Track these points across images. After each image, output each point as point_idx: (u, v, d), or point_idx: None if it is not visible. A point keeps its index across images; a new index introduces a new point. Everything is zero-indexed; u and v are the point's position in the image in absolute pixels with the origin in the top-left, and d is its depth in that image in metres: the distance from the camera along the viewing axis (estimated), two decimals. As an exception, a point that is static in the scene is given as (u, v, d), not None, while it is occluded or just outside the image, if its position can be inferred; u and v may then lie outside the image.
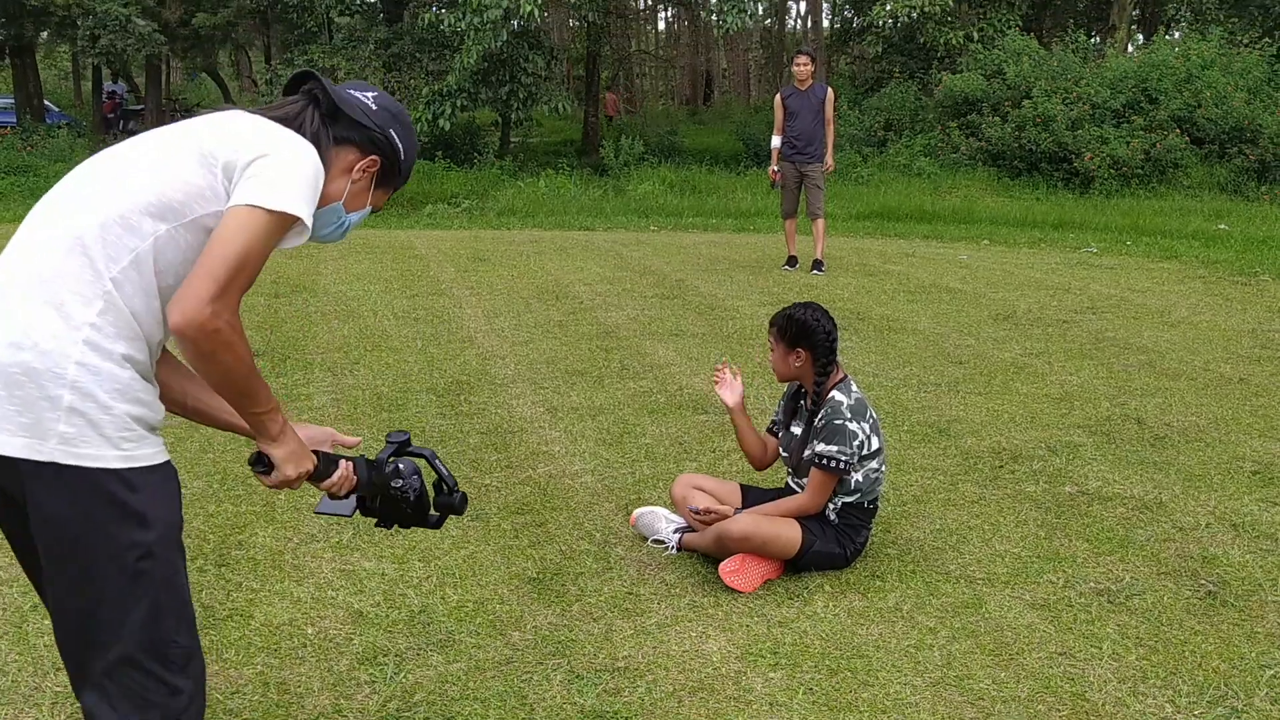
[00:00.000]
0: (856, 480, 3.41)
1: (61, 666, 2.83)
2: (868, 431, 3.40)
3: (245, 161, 1.78)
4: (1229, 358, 6.39)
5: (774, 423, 3.80)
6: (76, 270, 1.70)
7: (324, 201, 1.96)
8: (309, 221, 1.80)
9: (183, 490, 1.86)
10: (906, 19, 22.24)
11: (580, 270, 9.66)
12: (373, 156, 2.01)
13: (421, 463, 2.20)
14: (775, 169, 9.65)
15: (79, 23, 22.16)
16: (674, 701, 2.72)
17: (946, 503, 4.08)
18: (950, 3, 21.99)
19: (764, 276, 9.38)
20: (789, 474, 3.67)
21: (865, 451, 3.39)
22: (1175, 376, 5.95)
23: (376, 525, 2.21)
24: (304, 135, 1.90)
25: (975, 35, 21.96)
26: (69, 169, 7.65)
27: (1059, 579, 3.42)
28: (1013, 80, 19.50)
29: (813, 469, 3.40)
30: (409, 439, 2.21)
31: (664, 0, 42.28)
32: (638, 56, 43.48)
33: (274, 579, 3.38)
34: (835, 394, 3.43)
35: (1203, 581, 3.40)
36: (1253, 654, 2.96)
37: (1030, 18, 24.10)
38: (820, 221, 9.71)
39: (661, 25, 55.79)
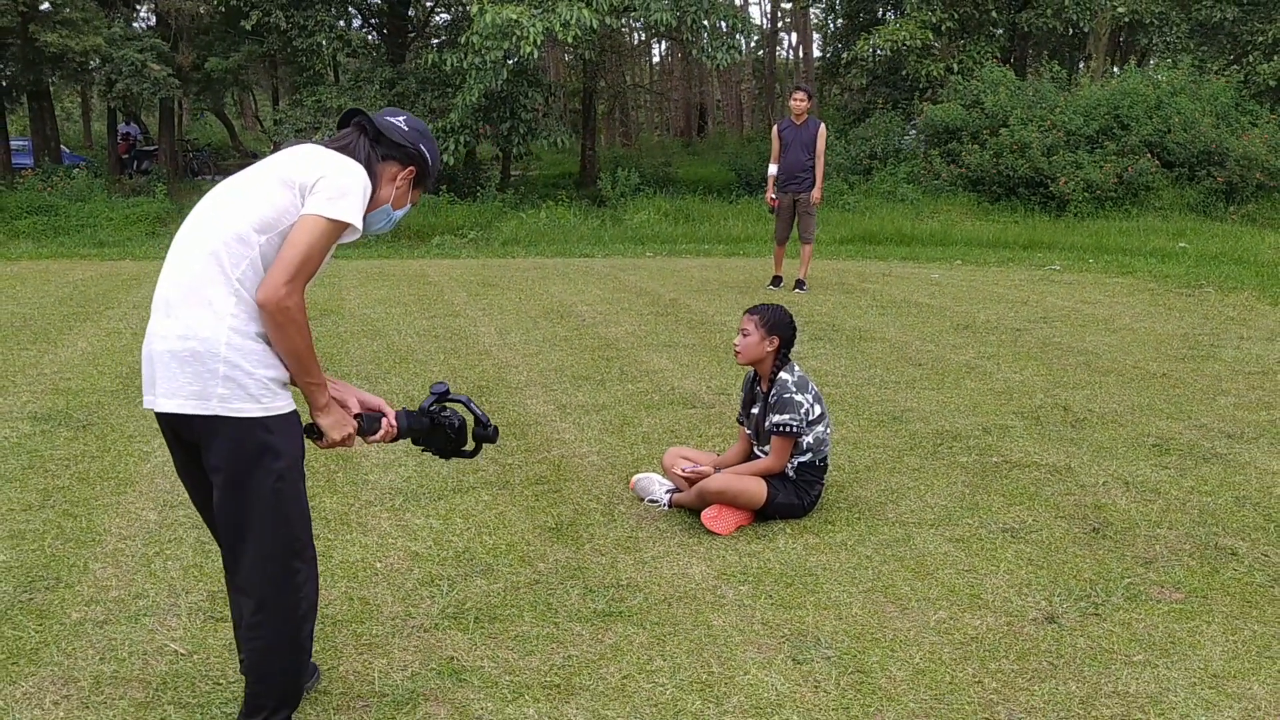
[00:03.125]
0: (807, 442, 4.26)
1: (190, 589, 3.67)
2: (810, 401, 4.25)
3: (312, 181, 2.48)
4: (1158, 357, 7.23)
5: (740, 414, 4.63)
6: (214, 276, 2.43)
7: (376, 204, 2.68)
8: (359, 225, 2.51)
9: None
10: (890, 52, 23.24)
11: (581, 293, 10.51)
12: (410, 167, 2.72)
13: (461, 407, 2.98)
14: (772, 195, 10.50)
15: (92, 64, 23.09)
16: (665, 605, 3.55)
17: (892, 471, 4.91)
18: (930, 36, 23.01)
19: (750, 295, 10.22)
20: (754, 444, 4.49)
21: (811, 417, 4.24)
22: (1106, 373, 6.79)
23: (422, 450, 2.95)
24: (358, 158, 2.62)
25: (955, 67, 22.94)
26: (88, 208, 9.18)
27: (974, 522, 4.25)
28: (990, 109, 20.44)
29: (773, 436, 4.25)
30: (449, 389, 2.94)
31: (656, 35, 43.35)
32: (632, 90, 44.51)
33: (343, 532, 4.21)
34: (782, 374, 4.28)
35: (1090, 522, 4.23)
36: (1119, 570, 3.79)
37: (1008, 50, 25.08)
38: (808, 246, 10.56)
39: (656, 58, 57.03)
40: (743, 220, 17.92)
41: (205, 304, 2.41)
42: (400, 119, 2.71)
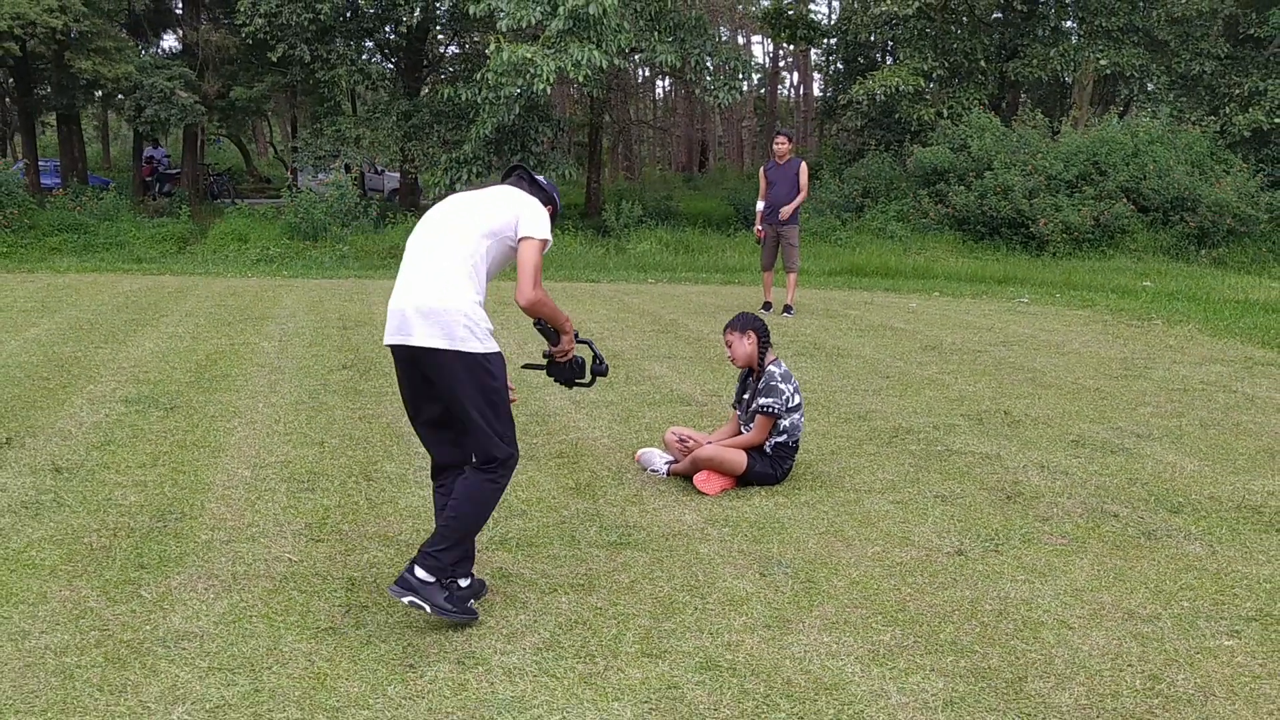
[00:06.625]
0: (784, 425, 5.28)
1: (290, 521, 4.69)
2: (791, 391, 5.28)
3: (523, 214, 3.75)
4: (1096, 376, 8.26)
5: (734, 400, 5.66)
6: (456, 262, 3.64)
7: None
8: (551, 239, 3.76)
9: (335, 454, 3.71)
10: (884, 96, 24.43)
11: (589, 312, 11.55)
12: (550, 206, 3.99)
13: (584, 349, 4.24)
14: (759, 228, 11.62)
15: (121, 90, 24.21)
16: (664, 539, 4.56)
17: (852, 454, 5.94)
18: (922, 82, 24.20)
19: (743, 318, 11.25)
20: (742, 423, 5.51)
21: (790, 404, 5.27)
22: (1048, 387, 7.82)
23: (556, 382, 4.16)
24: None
25: (944, 112, 24.11)
26: (116, 227, 11.32)
27: (914, 490, 5.27)
28: (976, 153, 21.57)
29: (757, 416, 5.28)
30: (577, 332, 4.12)
31: (661, 74, 44.62)
32: (637, 126, 45.73)
33: (405, 488, 5.23)
34: (770, 368, 5.31)
35: (1006, 492, 5.25)
36: (1020, 523, 4.80)
37: (997, 96, 26.27)
38: (793, 275, 11.63)
39: (660, 95, 58.42)
40: (739, 252, 19.01)
41: (451, 280, 3.62)
42: (541, 178, 4.03)
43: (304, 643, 3.55)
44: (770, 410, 5.24)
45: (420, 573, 3.61)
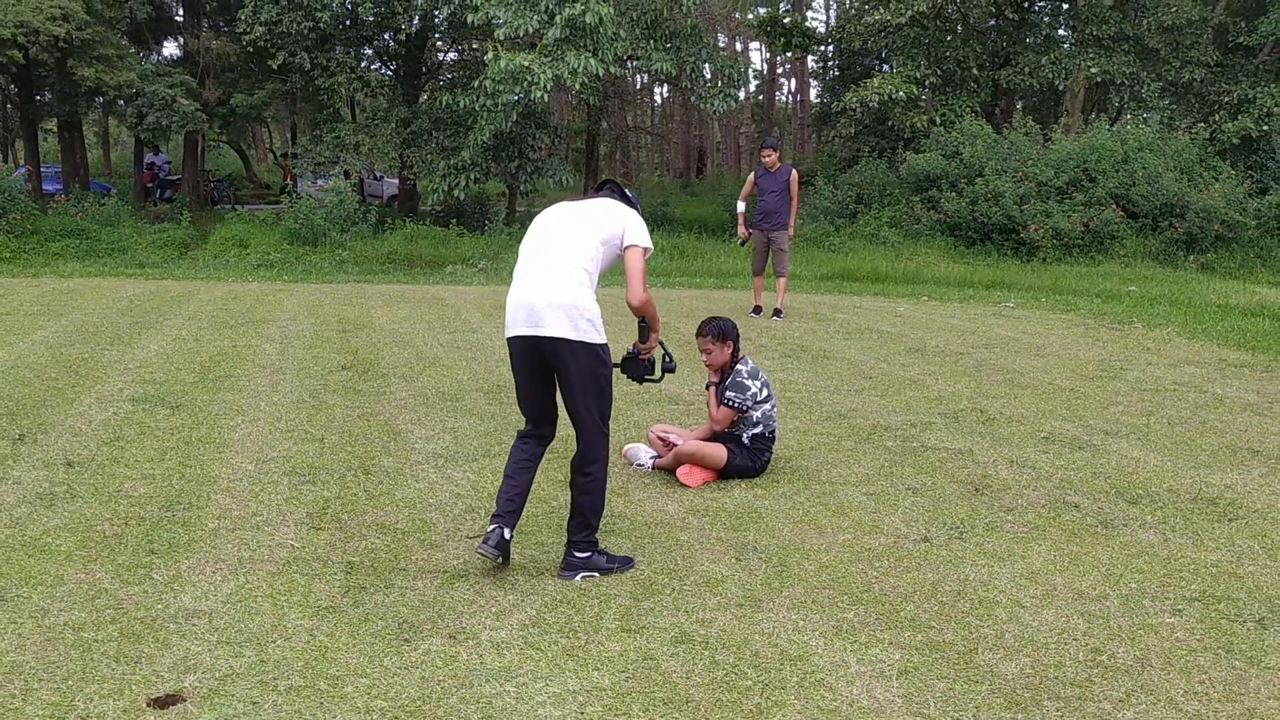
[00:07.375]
0: (757, 416, 5.55)
1: (292, 511, 4.94)
2: (758, 386, 5.56)
3: (629, 225, 4.31)
4: (1072, 377, 8.52)
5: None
6: (574, 264, 4.18)
7: None
8: (651, 246, 4.30)
9: (334, 449, 3.97)
10: (875, 104, 24.72)
11: (584, 316, 11.79)
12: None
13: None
14: (743, 228, 11.88)
15: (123, 98, 24.49)
16: (646, 528, 4.82)
17: (831, 450, 6.19)
18: (915, 89, 24.50)
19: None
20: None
21: (759, 398, 5.54)
22: (1024, 387, 8.08)
23: (628, 378, 4.67)
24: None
25: (937, 119, 24.39)
26: (118, 233, 12.15)
27: (886, 483, 5.53)
28: (968, 160, 21.86)
29: (722, 406, 5.57)
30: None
31: (658, 80, 44.85)
32: (634, 132, 45.99)
33: (401, 481, 5.48)
34: (738, 366, 5.59)
35: (975, 485, 5.51)
36: (985, 513, 5.06)
37: (990, 103, 26.56)
38: (783, 280, 11.89)
39: (658, 101, 58.75)
40: (733, 257, 19.25)
41: (573, 280, 4.16)
42: (628, 190, 4.56)
43: (306, 620, 3.81)
44: (734, 404, 5.54)
45: (578, 554, 4.26)
